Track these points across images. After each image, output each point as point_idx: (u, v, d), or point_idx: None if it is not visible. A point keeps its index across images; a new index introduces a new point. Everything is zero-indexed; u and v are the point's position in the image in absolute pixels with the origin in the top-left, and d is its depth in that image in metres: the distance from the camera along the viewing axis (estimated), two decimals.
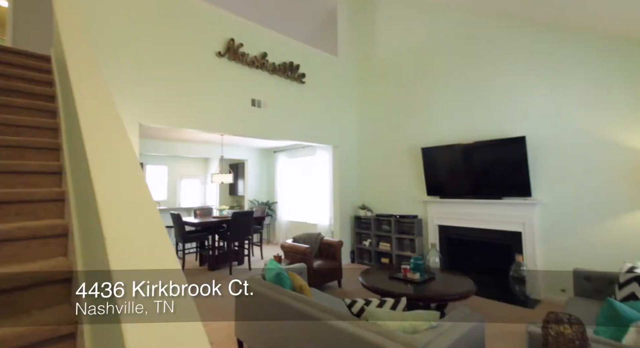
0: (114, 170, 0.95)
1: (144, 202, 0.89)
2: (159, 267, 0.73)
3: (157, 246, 0.79)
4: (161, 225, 0.85)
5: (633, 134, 3.13)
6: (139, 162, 1.05)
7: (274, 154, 7.76)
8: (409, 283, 2.95)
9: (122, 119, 2.72)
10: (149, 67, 3.28)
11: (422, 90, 4.89)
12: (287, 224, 7.37)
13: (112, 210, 0.82)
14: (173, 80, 3.44)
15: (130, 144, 1.08)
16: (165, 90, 3.37)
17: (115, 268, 0.70)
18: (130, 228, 0.81)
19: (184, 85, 3.53)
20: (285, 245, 4.06)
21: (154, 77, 3.30)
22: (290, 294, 2.04)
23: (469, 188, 4.21)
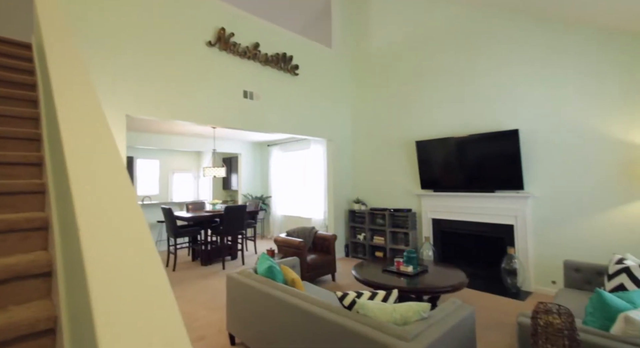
0: (90, 160, 0.90)
1: (122, 194, 0.85)
2: (135, 260, 0.70)
3: (134, 239, 0.75)
4: (139, 217, 0.81)
5: (625, 127, 3.14)
6: (119, 152, 1.00)
7: (268, 147, 7.70)
8: (402, 276, 2.96)
9: (107, 109, 2.64)
10: (136, 56, 3.19)
11: (417, 83, 4.86)
12: (281, 219, 7.35)
13: (88, 201, 0.78)
14: (161, 70, 3.36)
15: (110, 133, 1.03)
16: (153, 80, 3.28)
17: (89, 264, 0.67)
18: (106, 221, 0.77)
19: (173, 76, 3.44)
20: (279, 239, 4.04)
21: (141, 66, 3.21)
22: (282, 287, 2.02)
23: (463, 181, 4.22)
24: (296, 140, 6.94)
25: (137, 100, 3.13)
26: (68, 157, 0.90)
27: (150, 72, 3.26)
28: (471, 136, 4.10)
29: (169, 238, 4.77)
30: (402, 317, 1.55)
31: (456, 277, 2.86)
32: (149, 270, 0.69)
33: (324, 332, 1.63)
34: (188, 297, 3.52)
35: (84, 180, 0.84)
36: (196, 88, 3.62)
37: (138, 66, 3.18)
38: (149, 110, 3.21)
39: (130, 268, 0.68)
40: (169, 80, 3.39)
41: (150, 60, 3.27)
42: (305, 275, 3.71)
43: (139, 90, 3.16)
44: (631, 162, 3.10)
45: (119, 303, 0.62)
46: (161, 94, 3.33)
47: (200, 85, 3.66)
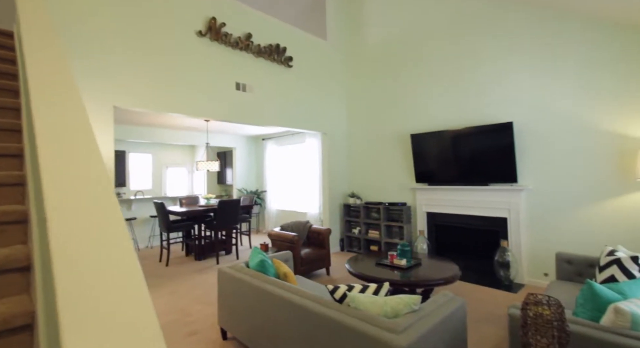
0: (64, 150, 0.86)
1: (96, 184, 0.81)
2: (107, 254, 0.66)
3: (107, 232, 0.72)
4: (113, 209, 0.78)
5: (619, 118, 3.14)
6: (95, 142, 0.96)
7: (263, 141, 7.64)
8: (396, 269, 2.95)
9: (93, 101, 2.58)
10: (124, 46, 3.10)
11: (412, 76, 4.82)
12: (276, 213, 7.33)
13: (58, 191, 0.74)
14: (150, 60, 3.27)
15: (86, 122, 0.99)
16: (142, 71, 3.20)
17: (57, 260, 0.63)
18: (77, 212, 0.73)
19: (163, 66, 3.36)
20: (273, 234, 4.02)
21: (129, 57, 3.12)
22: (273, 281, 2.00)
23: (457, 174, 4.21)
24: (291, 134, 6.89)
25: (126, 91, 3.06)
26: (40, 146, 0.86)
27: (139, 63, 3.18)
28: (466, 129, 4.08)
29: (161, 233, 4.73)
30: (393, 310, 1.53)
31: (449, 270, 2.86)
32: (122, 264, 0.66)
33: (314, 325, 1.61)
34: (181, 291, 3.50)
35: (56, 170, 0.80)
36: (187, 79, 3.55)
37: (126, 56, 3.10)
38: (137, 101, 3.14)
39: (101, 262, 0.65)
40: (158, 72, 3.32)
41: (139, 51, 3.19)
42: (299, 269, 3.70)
43: (127, 81, 3.09)
44: (624, 154, 3.10)
45: (86, 299, 0.59)
46: (150, 85, 3.26)
47: (191, 77, 3.59)
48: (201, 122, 5.82)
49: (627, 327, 1.39)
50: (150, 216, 5.91)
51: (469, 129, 4.06)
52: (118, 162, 7.50)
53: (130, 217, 5.61)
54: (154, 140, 6.49)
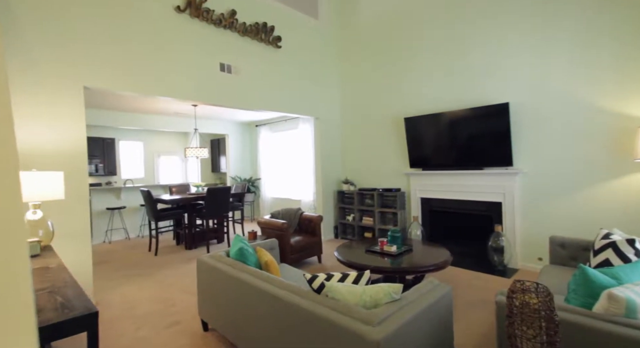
0: None
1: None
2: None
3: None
4: None
5: (616, 97, 2.98)
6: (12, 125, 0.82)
7: (256, 128, 7.47)
8: (385, 256, 2.87)
9: (60, 80, 2.41)
10: (95, 22, 2.90)
11: (406, 58, 4.62)
12: (271, 201, 7.24)
13: None
14: (124, 38, 3.06)
15: None
16: (116, 49, 3.00)
17: None
18: None
19: (139, 44, 3.16)
20: (262, 222, 3.92)
21: (101, 33, 2.92)
22: (251, 270, 1.90)
23: (451, 159, 4.08)
24: (285, 120, 6.72)
25: (98, 71, 2.87)
26: None
27: (112, 40, 2.98)
28: (460, 111, 3.93)
29: (149, 221, 4.64)
30: (372, 299, 1.44)
31: (440, 256, 2.77)
32: None
33: (289, 316, 1.52)
34: (168, 281, 3.43)
35: None
36: (166, 59, 3.36)
37: (98, 33, 2.89)
38: (111, 82, 2.96)
39: None
40: (133, 50, 3.13)
41: (112, 27, 2.98)
42: (288, 258, 3.63)
43: (100, 59, 2.89)
44: (622, 133, 2.96)
45: None
46: (125, 64, 3.07)
47: (170, 56, 3.40)
48: (190, 108, 5.65)
49: (621, 314, 1.29)
50: (140, 205, 5.81)
51: (464, 111, 3.90)
52: (108, 150, 7.36)
53: (120, 206, 5.52)
54: (144, 127, 6.32)
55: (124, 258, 4.40)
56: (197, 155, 5.09)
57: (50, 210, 2.55)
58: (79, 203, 2.70)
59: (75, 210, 2.68)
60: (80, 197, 2.72)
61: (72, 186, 2.65)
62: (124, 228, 5.66)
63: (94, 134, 7.19)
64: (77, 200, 2.70)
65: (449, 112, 4.03)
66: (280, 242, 3.66)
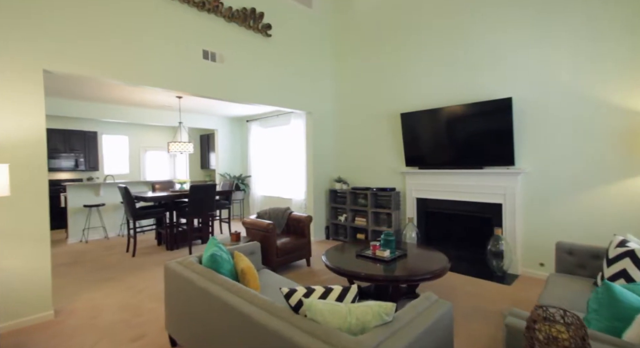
0: None
1: None
2: None
3: None
4: None
5: (626, 93, 2.76)
6: None
7: (247, 123, 7.18)
8: (378, 261, 2.62)
9: (14, 63, 2.07)
10: None
11: (403, 51, 4.37)
12: (261, 199, 6.97)
13: None
14: (94, 15, 2.76)
15: None
16: (83, 28, 2.69)
17: None
18: None
19: (109, 24, 2.85)
20: (247, 222, 3.65)
21: (66, 10, 2.63)
22: (220, 280, 1.64)
23: (450, 157, 3.85)
24: (276, 115, 6.44)
25: (61, 53, 2.55)
26: None
27: (79, 19, 2.67)
28: (460, 106, 3.69)
29: (127, 220, 4.34)
30: (359, 322, 1.19)
31: (437, 262, 2.54)
32: None
33: (260, 339, 1.26)
34: (140, 286, 3.14)
35: None
36: (142, 43, 3.07)
37: (63, 10, 2.59)
38: (78, 65, 2.65)
39: None
40: (104, 31, 2.82)
41: (80, 4, 2.68)
42: (274, 261, 3.37)
43: (63, 40, 2.58)
44: (632, 131, 2.75)
45: None
46: (95, 47, 2.77)
47: (147, 40, 3.10)
48: (176, 100, 5.34)
49: None
50: (120, 202, 5.50)
51: (463, 106, 3.66)
52: (90, 144, 7.02)
53: (98, 203, 5.20)
54: (129, 120, 5.99)
55: (97, 259, 4.10)
56: (181, 150, 4.80)
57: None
58: (33, 201, 2.40)
59: (28, 208, 2.38)
60: (37, 193, 2.42)
61: (24, 181, 2.35)
62: (102, 226, 5.34)
63: (74, 127, 6.83)
64: (31, 198, 2.40)
65: (448, 107, 3.79)
66: (266, 244, 3.41)
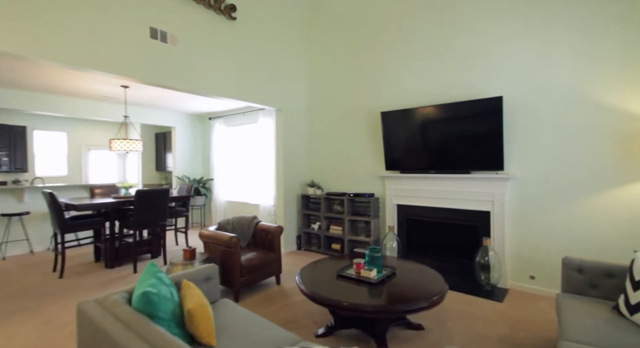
0: None
1: None
2: None
3: None
4: None
5: (625, 94, 2.60)
6: None
7: (210, 121, 6.50)
8: (362, 283, 2.19)
9: None
10: None
11: (385, 45, 4.03)
12: (224, 205, 6.31)
13: None
14: None
15: None
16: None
17: None
18: None
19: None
20: (205, 234, 3.06)
21: None
22: (150, 336, 1.10)
23: (434, 160, 3.55)
24: (242, 113, 5.85)
25: None
26: None
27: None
28: (446, 105, 3.40)
29: (55, 234, 3.54)
30: None
31: (433, 283, 2.16)
32: None
33: None
34: (63, 320, 2.44)
35: None
36: (65, 11, 2.40)
37: None
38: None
39: None
40: None
41: None
42: (238, 281, 2.82)
43: None
44: (628, 135, 2.59)
45: None
46: (21, 19, 2.09)
47: (72, 8, 2.44)
48: (122, 90, 4.58)
49: None
50: None
51: (450, 105, 3.38)
52: (16, 140, 5.93)
53: (21, 212, 4.28)
54: (67, 114, 5.07)
55: (13, 282, 3.26)
56: (127, 148, 4.07)
57: None
58: None
59: None
60: None
61: None
62: (26, 239, 4.41)
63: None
64: None
65: (432, 106, 3.49)
66: (228, 261, 2.85)
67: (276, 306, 2.75)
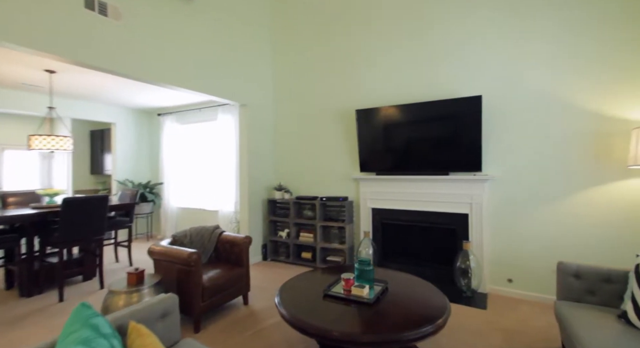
0: None
1: None
2: None
3: None
4: None
5: (598, 96, 2.66)
6: None
7: (159, 117, 5.74)
8: (355, 304, 1.88)
9: None
10: None
11: (359, 38, 3.81)
12: (177, 212, 5.60)
13: None
14: None
15: None
16: None
17: None
18: None
19: None
20: (156, 251, 2.51)
21: None
22: None
23: (412, 161, 3.39)
24: (198, 109, 5.24)
25: None
26: None
27: None
28: (425, 104, 3.27)
29: None
30: None
31: (433, 299, 1.93)
32: None
33: None
34: None
35: None
36: None
37: None
38: None
39: None
40: None
41: None
42: (199, 307, 2.34)
43: None
44: (603, 136, 2.65)
45: None
46: None
47: None
48: (46, 76, 3.75)
49: None
50: None
51: (429, 104, 3.25)
52: None
53: None
54: None
55: None
56: (51, 147, 3.29)
57: None
58: None
59: None
60: None
61: None
62: None
63: None
64: None
65: (410, 104, 3.34)
66: (187, 283, 2.36)
67: (247, 334, 2.32)
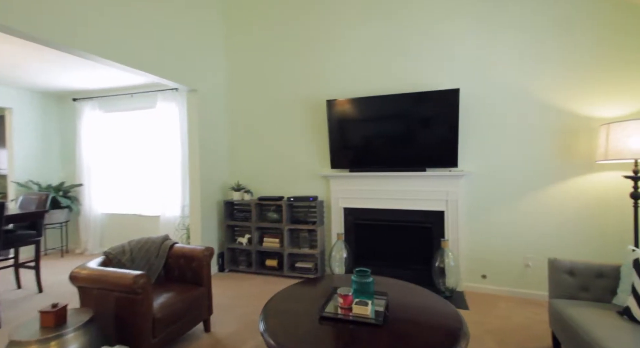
0: None
1: None
2: None
3: None
4: None
5: (565, 93, 2.76)
6: None
7: (74, 103, 4.65)
8: (360, 327, 1.56)
9: None
10: None
11: (330, 21, 3.48)
12: (103, 220, 4.62)
13: None
14: None
15: None
16: None
17: None
18: None
19: None
20: (83, 276, 1.85)
21: None
22: None
23: (388, 156, 3.20)
24: (129, 94, 4.35)
25: None
26: None
27: None
28: (401, 96, 3.10)
29: None
30: None
31: (441, 308, 1.71)
32: None
33: None
34: None
35: None
36: None
37: None
38: None
39: None
40: None
41: None
42: (149, 345, 1.77)
43: None
44: (572, 132, 2.76)
45: None
46: None
47: None
48: None
49: None
50: None
51: (405, 95, 3.08)
52: None
53: None
54: None
55: None
56: None
57: None
58: None
59: None
60: None
61: None
62: None
63: None
64: None
65: (386, 96, 3.14)
66: (131, 316, 1.77)
67: None
